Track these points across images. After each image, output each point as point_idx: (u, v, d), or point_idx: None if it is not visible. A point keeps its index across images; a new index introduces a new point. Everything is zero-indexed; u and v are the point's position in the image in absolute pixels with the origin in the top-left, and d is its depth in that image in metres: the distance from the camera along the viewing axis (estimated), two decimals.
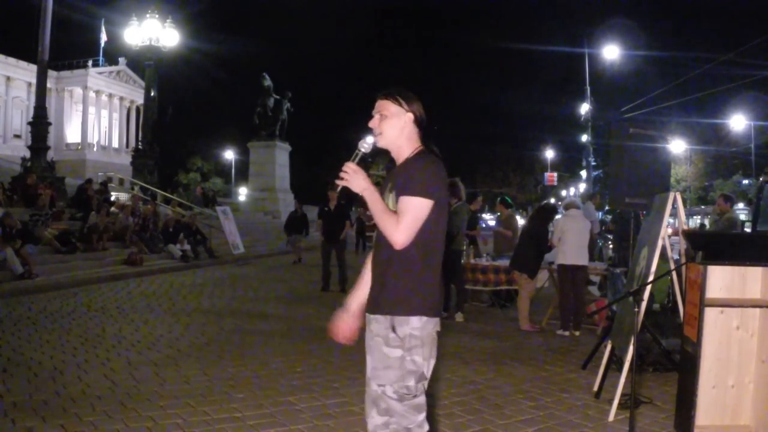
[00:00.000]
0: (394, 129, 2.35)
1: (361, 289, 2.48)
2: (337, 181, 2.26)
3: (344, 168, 2.25)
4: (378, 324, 2.26)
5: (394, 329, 2.21)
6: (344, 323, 2.52)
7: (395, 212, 2.22)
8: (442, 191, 2.27)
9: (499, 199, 10.18)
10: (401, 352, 2.20)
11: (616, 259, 10.93)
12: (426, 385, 2.29)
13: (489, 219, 28.06)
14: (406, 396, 2.20)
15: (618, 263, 9.94)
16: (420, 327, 2.21)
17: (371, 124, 2.38)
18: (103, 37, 52.62)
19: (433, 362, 2.31)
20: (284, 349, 6.07)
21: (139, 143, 24.46)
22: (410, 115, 2.35)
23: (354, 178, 2.22)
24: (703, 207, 36.81)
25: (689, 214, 30.19)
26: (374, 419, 2.26)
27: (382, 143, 2.37)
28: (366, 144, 2.33)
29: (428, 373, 2.29)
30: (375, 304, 2.29)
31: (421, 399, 2.24)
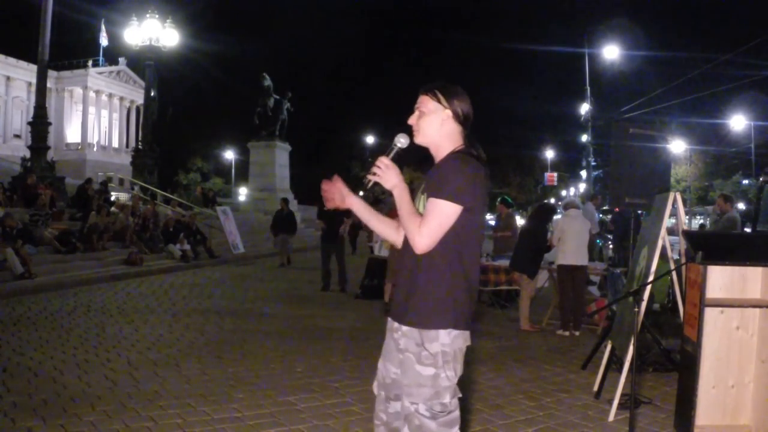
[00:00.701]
0: (432, 126, 2.24)
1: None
2: (369, 176, 2.18)
3: (377, 163, 2.17)
4: (407, 339, 2.14)
5: (425, 346, 2.11)
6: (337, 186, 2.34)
7: (422, 215, 2.12)
8: (477, 197, 2.12)
9: (499, 199, 10.20)
10: (434, 369, 2.10)
11: (616, 259, 10.96)
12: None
13: (489, 219, 28.05)
14: (440, 414, 2.10)
15: (618, 263, 9.96)
16: (449, 342, 2.11)
17: (410, 120, 2.29)
18: (103, 37, 52.61)
19: (458, 376, 2.21)
20: (284, 349, 6.07)
21: (139, 143, 24.45)
22: (448, 112, 2.23)
23: (387, 174, 2.15)
24: (696, 209, 36.71)
25: (690, 214, 30.17)
26: None
27: (420, 140, 2.27)
28: (402, 140, 2.25)
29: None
30: (402, 312, 2.18)
31: (455, 414, 2.14)
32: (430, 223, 2.08)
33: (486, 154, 2.27)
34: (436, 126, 2.24)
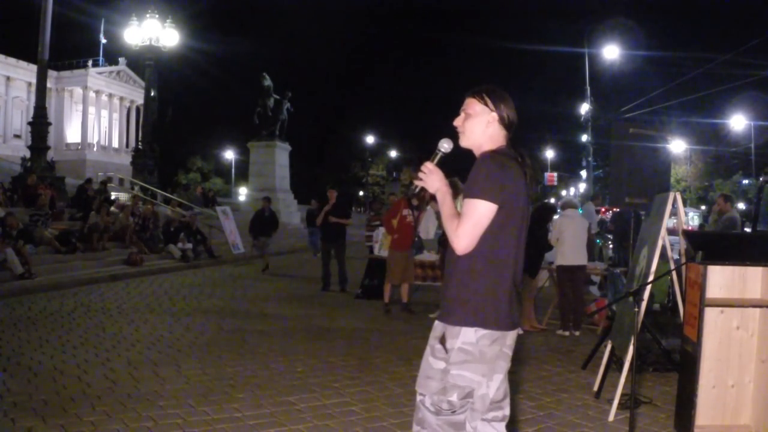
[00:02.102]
0: (477, 129, 2.26)
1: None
2: (416, 182, 2.23)
3: (422, 168, 2.22)
4: (433, 331, 2.20)
5: (443, 340, 2.14)
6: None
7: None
8: (509, 195, 2.13)
9: None
10: (444, 364, 2.11)
11: (616, 259, 10.95)
12: (485, 404, 2.13)
13: None
14: (443, 410, 2.09)
15: (618, 263, 9.95)
16: (474, 341, 2.10)
17: (456, 122, 2.31)
18: (102, 38, 52.64)
19: (497, 383, 2.16)
20: (284, 349, 6.07)
21: (139, 143, 24.43)
22: (494, 115, 2.25)
23: (430, 178, 2.20)
24: (690, 209, 36.60)
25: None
26: (413, 426, 2.19)
27: (465, 143, 2.29)
28: (446, 144, 2.28)
29: (492, 393, 2.14)
30: (439, 308, 2.24)
31: (461, 417, 2.10)
32: (465, 223, 2.10)
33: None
34: (482, 128, 2.26)
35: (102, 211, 13.77)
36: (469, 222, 2.09)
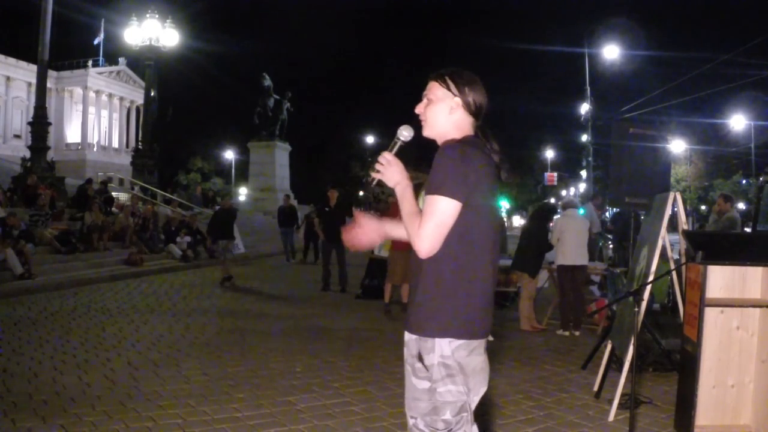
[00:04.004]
0: (440, 116, 2.02)
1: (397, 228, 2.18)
2: (373, 174, 2.01)
3: (380, 158, 2.00)
4: (408, 348, 2.00)
5: (420, 358, 1.94)
6: (363, 227, 2.17)
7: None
8: (474, 189, 1.89)
9: None
10: (428, 383, 1.93)
11: (616, 259, 10.95)
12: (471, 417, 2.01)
13: None
14: (440, 431, 1.93)
15: (618, 263, 9.95)
16: (450, 353, 1.92)
17: (417, 109, 2.08)
18: (101, 37, 52.57)
19: (481, 392, 2.05)
20: (284, 349, 6.07)
21: (139, 143, 24.43)
22: (458, 100, 2.01)
23: (389, 170, 1.98)
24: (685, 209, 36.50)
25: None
26: None
27: (428, 132, 2.07)
28: (405, 132, 2.03)
29: (474, 405, 2.03)
30: (407, 319, 2.02)
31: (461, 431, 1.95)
32: (426, 223, 1.88)
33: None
34: (445, 115, 2.03)
35: (94, 209, 13.67)
36: (432, 222, 1.87)
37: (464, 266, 1.92)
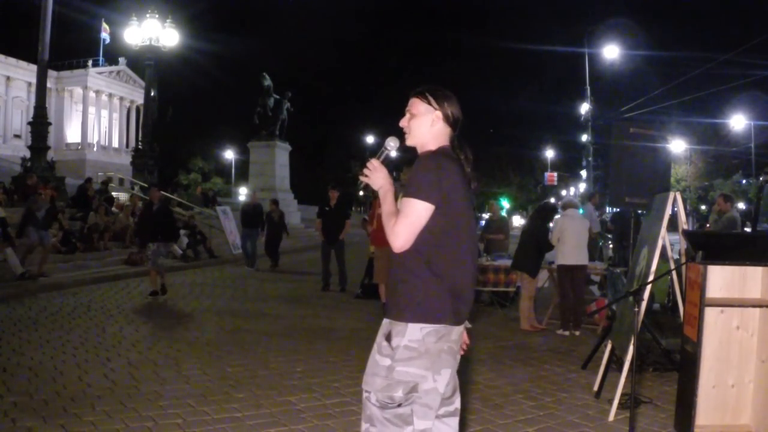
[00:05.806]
0: (422, 128, 2.31)
1: None
2: (362, 178, 2.28)
3: (367, 165, 2.28)
4: (381, 328, 2.25)
5: (388, 338, 2.18)
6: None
7: None
8: (445, 194, 2.15)
9: (492, 200, 10.29)
10: (390, 361, 2.15)
11: (616, 259, 10.95)
12: (437, 401, 2.17)
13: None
14: (388, 405, 2.14)
15: (618, 263, 9.95)
16: (420, 338, 2.13)
17: (402, 123, 2.36)
18: (105, 35, 52.57)
19: (446, 378, 2.19)
20: (284, 349, 6.07)
21: (139, 143, 24.42)
22: (439, 114, 2.30)
23: (375, 175, 2.25)
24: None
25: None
26: (362, 425, 2.22)
27: (410, 142, 2.35)
28: (392, 143, 2.34)
29: (442, 389, 2.18)
30: (385, 304, 2.29)
31: (406, 410, 2.14)
32: (401, 222, 2.14)
33: (486, 154, 2.30)
34: (426, 127, 2.30)
35: (100, 210, 13.74)
36: (406, 220, 2.14)
37: (434, 260, 2.16)
